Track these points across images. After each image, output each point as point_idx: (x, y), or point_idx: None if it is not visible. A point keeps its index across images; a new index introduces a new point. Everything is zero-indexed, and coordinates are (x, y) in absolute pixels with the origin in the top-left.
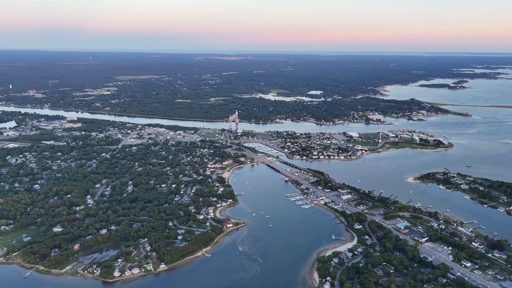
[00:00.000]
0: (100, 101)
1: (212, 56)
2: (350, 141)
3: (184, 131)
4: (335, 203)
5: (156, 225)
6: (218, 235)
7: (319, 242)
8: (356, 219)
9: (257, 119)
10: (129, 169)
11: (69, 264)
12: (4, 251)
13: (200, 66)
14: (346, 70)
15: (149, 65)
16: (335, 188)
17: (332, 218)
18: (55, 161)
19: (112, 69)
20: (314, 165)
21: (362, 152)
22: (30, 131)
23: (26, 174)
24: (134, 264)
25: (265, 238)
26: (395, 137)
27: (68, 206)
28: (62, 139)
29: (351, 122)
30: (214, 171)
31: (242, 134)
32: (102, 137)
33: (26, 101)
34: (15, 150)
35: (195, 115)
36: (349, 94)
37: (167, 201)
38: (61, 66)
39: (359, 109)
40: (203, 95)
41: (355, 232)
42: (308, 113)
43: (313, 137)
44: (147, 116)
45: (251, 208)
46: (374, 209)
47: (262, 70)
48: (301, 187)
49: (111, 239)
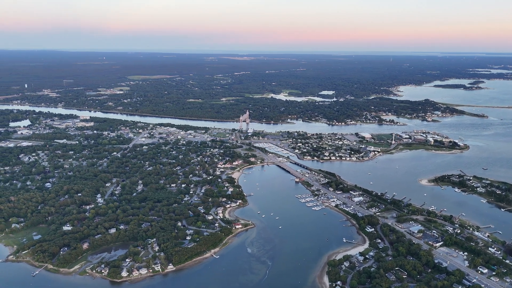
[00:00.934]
0: (113, 100)
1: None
2: (363, 142)
3: (195, 131)
4: (346, 205)
5: (164, 225)
6: (227, 236)
7: (329, 245)
8: (368, 222)
9: (268, 119)
10: (139, 168)
11: (78, 263)
12: (14, 249)
13: (212, 66)
14: (359, 70)
15: (162, 65)
16: (347, 190)
17: (343, 221)
18: (67, 160)
19: (125, 69)
20: (325, 166)
21: (375, 153)
22: (43, 129)
23: (38, 173)
24: (142, 265)
25: (274, 240)
26: (409, 138)
27: (78, 205)
28: (74, 138)
29: (364, 122)
30: (224, 171)
31: (252, 134)
32: (113, 136)
33: (41, 100)
34: (28, 148)
35: (206, 114)
36: (361, 95)
37: (177, 201)
38: (75, 66)
39: (372, 109)
40: (214, 95)
41: (366, 235)
42: (320, 113)
43: (325, 137)
44: (158, 116)
45: (261, 209)
46: (387, 212)
47: (274, 70)
48: (311, 189)
49: (120, 238)
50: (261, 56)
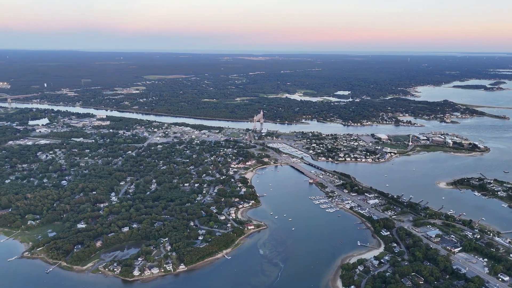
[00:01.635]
0: (129, 99)
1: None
2: (379, 143)
3: (209, 131)
4: (361, 208)
5: (177, 224)
6: (239, 237)
7: (343, 248)
8: (384, 225)
9: (282, 119)
10: (153, 167)
11: (91, 261)
12: (30, 246)
13: (227, 66)
14: (375, 70)
15: (178, 65)
16: (362, 192)
17: (357, 223)
18: (83, 158)
19: (141, 69)
20: (340, 167)
21: (391, 155)
22: (61, 128)
23: (55, 170)
24: (154, 264)
25: (287, 242)
26: (427, 139)
27: (93, 203)
28: (90, 136)
29: (380, 123)
30: (237, 171)
31: (266, 134)
32: (129, 135)
33: (59, 99)
34: (46, 146)
35: (220, 114)
36: (378, 95)
37: (189, 200)
38: (93, 66)
39: (389, 110)
40: (229, 94)
41: (382, 239)
42: (335, 113)
43: (340, 138)
44: (173, 115)
45: (274, 210)
46: (403, 215)
47: (289, 70)
48: (326, 190)
49: (133, 237)
50: (276, 56)
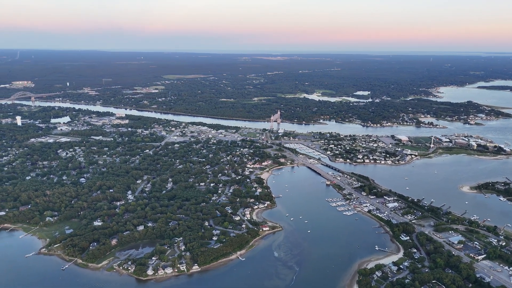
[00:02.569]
0: (148, 99)
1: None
2: (399, 145)
3: (226, 130)
4: (380, 211)
5: (192, 224)
6: (254, 238)
7: (360, 252)
8: (403, 229)
9: (299, 119)
10: (170, 166)
11: (106, 259)
12: (47, 242)
13: (245, 66)
14: (396, 70)
15: (197, 65)
16: (381, 195)
17: (376, 227)
18: (102, 156)
19: (161, 69)
20: (359, 169)
21: (412, 157)
22: (81, 126)
23: (74, 168)
24: (168, 264)
25: (302, 245)
26: (449, 142)
27: (109, 200)
28: (109, 134)
29: (400, 124)
30: (253, 172)
31: (283, 135)
32: (147, 134)
33: (81, 98)
34: (66, 144)
35: (237, 114)
36: (399, 95)
37: (205, 200)
38: (115, 66)
39: (410, 111)
40: (246, 94)
41: (401, 244)
42: (354, 114)
43: (359, 139)
44: (191, 115)
45: (289, 212)
46: (424, 220)
47: (307, 70)
48: (343, 192)
49: (147, 236)
50: (294, 56)
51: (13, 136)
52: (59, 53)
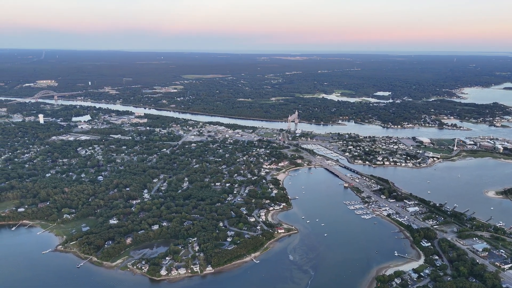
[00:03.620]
0: (167, 98)
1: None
2: (420, 147)
3: (243, 130)
4: (399, 215)
5: (206, 224)
6: (268, 241)
7: (379, 258)
8: (424, 235)
9: (317, 119)
10: (186, 165)
11: (120, 258)
12: (63, 239)
13: (264, 66)
14: (418, 70)
15: (215, 65)
16: (401, 199)
17: (395, 232)
18: (120, 155)
19: (180, 68)
20: (378, 171)
21: (434, 159)
22: (101, 124)
23: (92, 166)
24: (181, 264)
25: (318, 248)
26: (474, 144)
27: (126, 199)
28: (128, 133)
29: (422, 126)
30: (269, 172)
31: (300, 135)
32: (164, 133)
33: (102, 97)
34: (86, 142)
35: (254, 114)
36: (420, 96)
37: (220, 200)
38: (135, 65)
39: (432, 112)
40: (264, 94)
41: (422, 250)
42: (374, 115)
43: (378, 141)
44: (209, 114)
45: (305, 214)
46: (446, 226)
47: (326, 70)
48: (362, 195)
49: (162, 235)
50: (314, 56)
51: (35, 133)
52: (82, 53)
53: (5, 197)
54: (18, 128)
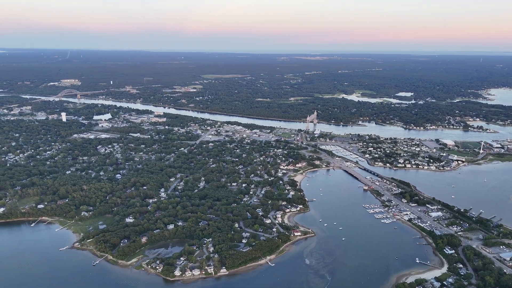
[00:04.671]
0: (186, 97)
1: (296, 56)
2: (444, 150)
3: (261, 130)
4: (421, 221)
5: (221, 225)
6: (284, 243)
7: (399, 264)
8: (448, 242)
9: (337, 120)
10: (203, 165)
11: (135, 257)
12: (80, 237)
13: (283, 66)
14: (442, 71)
15: (235, 64)
16: (423, 203)
17: (417, 238)
18: (138, 153)
19: (200, 68)
20: (399, 174)
21: (458, 163)
22: (121, 123)
23: (111, 164)
24: (195, 265)
25: (336, 253)
26: (501, 147)
27: (142, 198)
28: (147, 132)
29: (446, 128)
30: (286, 173)
31: (319, 136)
32: (183, 132)
33: (122, 96)
34: (106, 140)
35: (273, 114)
36: (444, 97)
37: (236, 200)
38: (156, 65)
39: (457, 114)
40: (283, 94)
41: (445, 257)
42: (396, 116)
43: (400, 142)
44: (227, 114)
45: (323, 217)
46: (471, 232)
47: (347, 70)
48: (382, 199)
49: (177, 235)
50: (334, 56)
51: (58, 131)
52: (105, 53)
53: (26, 194)
54: (42, 125)
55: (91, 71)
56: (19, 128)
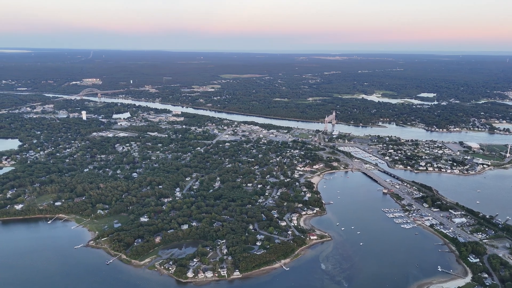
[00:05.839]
0: (204, 97)
1: (316, 56)
2: (468, 153)
3: (277, 130)
4: (444, 227)
5: (236, 226)
6: (300, 247)
7: (420, 272)
8: (472, 250)
9: (356, 121)
10: (219, 164)
11: (149, 257)
12: (96, 235)
13: (302, 65)
14: (466, 71)
15: (253, 64)
16: (446, 208)
17: (439, 245)
18: (155, 152)
19: (218, 68)
20: (420, 177)
21: (484, 167)
22: (139, 122)
23: (128, 162)
24: (208, 267)
25: (353, 258)
26: None
27: (158, 197)
28: (164, 131)
29: (470, 130)
30: (303, 175)
31: (337, 137)
32: (200, 131)
33: (142, 95)
34: (124, 139)
35: (290, 114)
36: (469, 98)
37: (251, 202)
38: (176, 65)
39: (482, 115)
40: (301, 94)
41: (469, 266)
42: (417, 117)
43: (421, 145)
44: (244, 114)
45: (340, 221)
46: (497, 240)
47: (367, 70)
48: (402, 203)
49: (191, 235)
50: (354, 55)
51: (78, 129)
52: (126, 53)
53: (44, 191)
54: (62, 124)
55: (112, 70)
56: (41, 126)
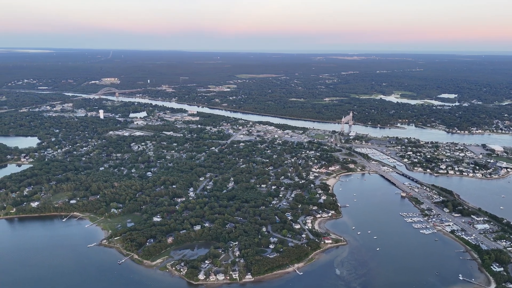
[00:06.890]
0: (220, 97)
1: (333, 56)
2: (491, 156)
3: (293, 131)
4: (465, 233)
5: (248, 228)
6: (314, 251)
7: (440, 281)
8: (496, 258)
9: (374, 122)
10: (233, 165)
11: (161, 257)
12: (109, 234)
13: (319, 65)
14: (489, 71)
15: (269, 64)
16: (467, 214)
17: (460, 252)
18: (170, 151)
19: (235, 68)
20: (441, 181)
21: (508, 170)
22: (155, 121)
23: (143, 161)
24: (220, 269)
25: (369, 264)
26: None
27: (171, 196)
28: (180, 130)
29: (494, 132)
30: (318, 176)
31: (354, 138)
32: (214, 131)
33: (158, 95)
34: (139, 138)
35: (306, 114)
36: (492, 99)
37: (264, 203)
38: (193, 65)
39: (506, 117)
40: (317, 94)
41: (492, 275)
42: (437, 118)
43: (442, 147)
44: (259, 114)
45: (356, 225)
46: None
47: (385, 70)
48: (421, 207)
49: (203, 236)
50: (372, 55)
51: (95, 128)
52: (145, 53)
53: (60, 188)
54: (80, 122)
55: (131, 70)
56: (59, 124)
